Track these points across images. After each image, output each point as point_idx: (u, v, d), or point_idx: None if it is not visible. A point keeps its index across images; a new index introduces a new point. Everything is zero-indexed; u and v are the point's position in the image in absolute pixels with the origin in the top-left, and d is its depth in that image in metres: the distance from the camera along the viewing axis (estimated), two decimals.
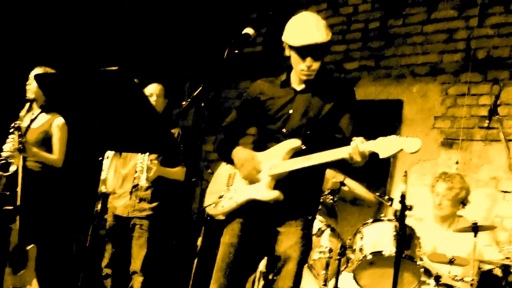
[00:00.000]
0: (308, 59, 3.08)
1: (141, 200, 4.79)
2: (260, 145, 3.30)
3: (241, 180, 3.26)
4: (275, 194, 3.08)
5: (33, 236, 4.80)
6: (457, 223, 4.70)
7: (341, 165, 3.12)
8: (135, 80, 2.58)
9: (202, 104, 2.99)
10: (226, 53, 3.02)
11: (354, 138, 2.90)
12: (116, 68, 2.58)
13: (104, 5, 6.94)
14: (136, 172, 4.68)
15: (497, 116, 4.37)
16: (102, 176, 4.72)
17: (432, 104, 5.77)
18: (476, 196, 5.01)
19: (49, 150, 5.05)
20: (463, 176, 4.87)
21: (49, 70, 4.87)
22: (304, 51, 3.07)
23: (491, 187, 5.23)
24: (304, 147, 3.10)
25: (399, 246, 3.65)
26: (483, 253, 4.57)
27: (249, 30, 3.10)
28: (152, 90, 4.96)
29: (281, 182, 3.13)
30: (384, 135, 2.93)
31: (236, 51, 3.04)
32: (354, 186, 4.62)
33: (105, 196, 4.80)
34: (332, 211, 4.62)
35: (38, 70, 4.87)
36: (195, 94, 2.92)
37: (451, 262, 4.09)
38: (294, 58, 3.14)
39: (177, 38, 7.52)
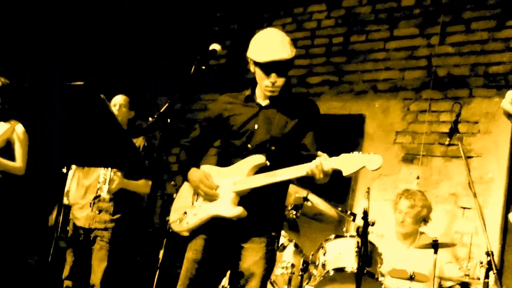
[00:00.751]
0: (273, 75, 3.08)
1: (102, 211, 4.70)
2: (224, 160, 3.28)
3: None
4: (239, 210, 3.07)
5: None
6: (419, 240, 4.74)
7: (305, 181, 3.14)
8: (101, 95, 2.54)
9: (168, 120, 2.99)
10: (192, 69, 3.01)
11: (319, 154, 2.91)
12: (82, 83, 2.54)
13: (103, 5, 6.86)
14: (99, 183, 4.62)
15: (458, 135, 4.43)
16: (66, 188, 4.64)
17: (393, 120, 5.84)
18: (436, 212, 5.06)
19: (11, 158, 4.94)
20: (425, 193, 4.92)
21: (3, 80, 4.79)
22: (268, 67, 3.08)
23: (450, 203, 5.32)
24: (268, 164, 3.09)
25: (361, 263, 3.66)
26: (444, 269, 4.62)
27: (216, 46, 3.11)
28: (116, 101, 4.94)
29: (245, 198, 3.11)
30: (347, 149, 2.96)
31: (203, 67, 3.04)
32: (317, 202, 4.63)
33: (67, 208, 4.70)
34: (295, 225, 4.62)
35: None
36: (161, 110, 2.90)
37: (411, 278, 4.13)
38: (259, 74, 3.14)
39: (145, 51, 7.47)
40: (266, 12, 7.08)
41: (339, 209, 4.67)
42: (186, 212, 3.25)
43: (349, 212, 4.67)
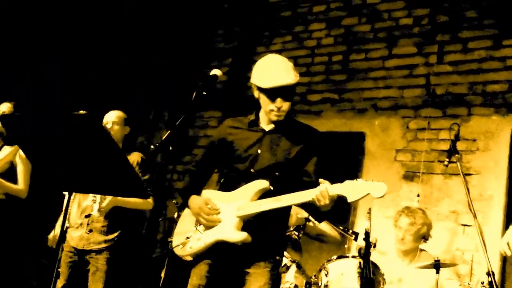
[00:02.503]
0: (278, 100, 3.13)
1: (94, 231, 4.52)
2: (227, 184, 3.31)
3: None
4: (243, 235, 3.10)
5: None
6: (419, 258, 4.78)
7: (307, 207, 3.18)
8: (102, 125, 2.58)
9: (170, 148, 3.05)
10: (194, 95, 3.06)
11: (321, 181, 2.95)
12: (85, 113, 2.60)
13: (103, 4, 6.89)
14: (92, 200, 4.51)
15: (457, 155, 4.49)
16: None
17: (393, 138, 5.91)
18: (437, 229, 5.11)
19: (13, 181, 4.99)
20: (425, 211, 4.97)
21: (9, 109, 4.84)
22: (274, 93, 3.12)
23: (451, 220, 5.38)
24: (272, 188, 3.13)
25: (363, 286, 3.71)
26: (445, 287, 4.66)
27: (216, 72, 3.16)
28: (108, 118, 4.78)
29: (248, 223, 3.15)
30: (348, 167, 3.01)
31: (204, 93, 3.08)
32: (318, 222, 4.67)
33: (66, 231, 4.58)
34: (297, 246, 4.67)
35: (3, 108, 4.85)
36: (163, 138, 2.95)
37: None
38: (264, 99, 3.18)
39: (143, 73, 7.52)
40: (267, 30, 7.17)
41: (341, 228, 4.72)
42: (189, 236, 3.28)
43: (351, 231, 4.71)
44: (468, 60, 5.67)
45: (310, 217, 4.56)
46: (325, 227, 4.71)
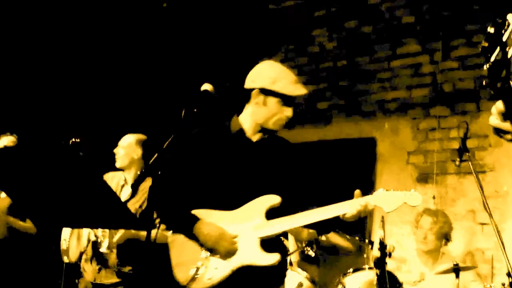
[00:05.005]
0: (292, 109, 3.01)
1: (106, 266, 4.36)
2: (221, 203, 3.02)
3: None
4: (277, 257, 2.88)
5: None
6: (441, 260, 4.72)
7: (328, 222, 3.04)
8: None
9: (159, 172, 2.96)
10: (183, 112, 2.89)
11: (357, 193, 2.85)
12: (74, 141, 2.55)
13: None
14: (96, 236, 4.33)
15: (467, 154, 4.42)
16: (63, 246, 4.37)
17: (404, 140, 5.84)
18: (455, 230, 5.03)
19: (18, 216, 4.99)
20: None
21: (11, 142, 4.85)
22: (292, 100, 3.00)
23: (468, 220, 5.30)
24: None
25: None
26: None
27: (207, 87, 2.97)
28: (119, 143, 4.69)
29: (264, 242, 2.93)
30: (361, 173, 2.94)
31: (195, 110, 2.95)
32: (330, 235, 4.63)
33: (68, 266, 4.40)
34: (313, 260, 4.62)
35: (5, 141, 4.88)
36: (150, 162, 2.85)
37: None
38: (274, 106, 3.00)
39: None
40: (269, 38, 7.13)
41: (357, 238, 4.67)
42: (199, 266, 2.96)
43: (367, 240, 4.66)
44: (473, 54, 5.57)
45: None
46: (337, 239, 4.66)
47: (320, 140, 6.42)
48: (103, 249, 4.29)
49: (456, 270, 4.25)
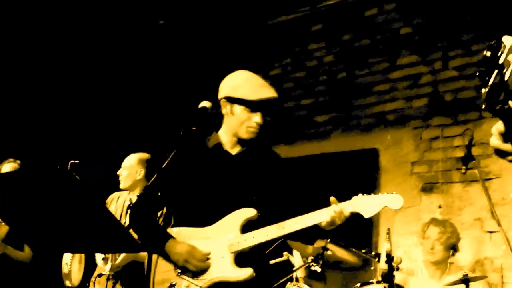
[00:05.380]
0: (260, 114, 2.93)
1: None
2: (199, 219, 2.97)
3: None
4: (249, 272, 2.82)
5: None
6: (450, 270, 4.65)
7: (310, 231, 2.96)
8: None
9: (159, 194, 2.93)
10: (182, 131, 2.87)
11: (332, 200, 2.77)
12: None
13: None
14: (104, 258, 4.34)
15: (473, 162, 4.37)
16: (64, 270, 4.40)
17: (407, 150, 5.78)
18: (463, 239, 4.96)
19: (14, 245, 4.91)
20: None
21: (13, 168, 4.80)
22: (257, 106, 2.92)
23: (476, 228, 5.22)
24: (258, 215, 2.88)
25: None
26: None
27: (205, 104, 2.93)
28: (125, 164, 4.70)
29: (240, 256, 2.87)
30: (364, 185, 2.88)
31: (193, 128, 2.89)
32: (336, 250, 4.55)
33: None
34: (319, 276, 4.54)
35: (7, 168, 4.80)
36: (149, 184, 2.82)
37: None
38: (241, 114, 2.95)
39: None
40: (265, 52, 7.12)
41: (363, 251, 4.59)
42: (174, 284, 2.91)
43: (373, 253, 4.59)
44: (472, 63, 5.53)
45: (328, 245, 4.44)
46: (343, 253, 4.58)
47: (322, 154, 6.37)
48: (106, 272, 4.27)
49: (466, 281, 4.17)
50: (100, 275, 4.35)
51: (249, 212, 2.88)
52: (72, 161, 4.05)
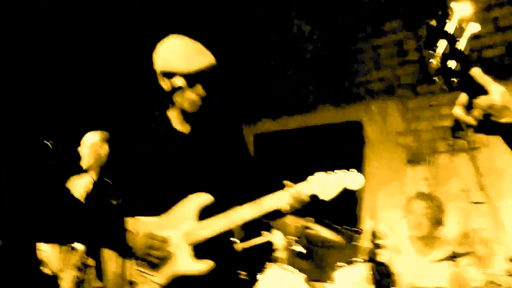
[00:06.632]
0: (199, 85, 2.69)
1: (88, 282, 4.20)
2: (153, 207, 2.75)
3: None
4: (208, 264, 2.64)
5: None
6: (436, 245, 4.53)
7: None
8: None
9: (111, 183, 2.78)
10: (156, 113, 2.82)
11: (286, 183, 2.61)
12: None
13: None
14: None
15: (461, 132, 4.23)
16: (42, 257, 4.23)
17: (393, 121, 5.63)
18: (449, 211, 4.85)
19: None
20: (435, 193, 4.76)
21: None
22: (195, 77, 2.67)
23: (462, 199, 5.08)
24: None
25: None
26: (465, 275, 4.40)
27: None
28: (84, 141, 4.56)
29: (199, 246, 2.68)
30: (349, 157, 2.71)
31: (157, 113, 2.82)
32: (318, 229, 4.42)
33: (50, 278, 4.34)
34: (304, 255, 4.41)
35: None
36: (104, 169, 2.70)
37: None
38: (180, 87, 2.70)
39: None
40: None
41: (344, 228, 4.46)
42: (132, 282, 2.71)
43: (354, 229, 4.46)
44: None
45: (309, 224, 4.30)
46: (325, 233, 4.44)
47: (306, 127, 6.21)
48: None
49: (453, 257, 4.06)
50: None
51: (205, 198, 2.68)
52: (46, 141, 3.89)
